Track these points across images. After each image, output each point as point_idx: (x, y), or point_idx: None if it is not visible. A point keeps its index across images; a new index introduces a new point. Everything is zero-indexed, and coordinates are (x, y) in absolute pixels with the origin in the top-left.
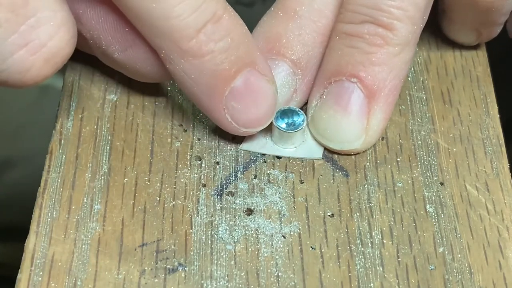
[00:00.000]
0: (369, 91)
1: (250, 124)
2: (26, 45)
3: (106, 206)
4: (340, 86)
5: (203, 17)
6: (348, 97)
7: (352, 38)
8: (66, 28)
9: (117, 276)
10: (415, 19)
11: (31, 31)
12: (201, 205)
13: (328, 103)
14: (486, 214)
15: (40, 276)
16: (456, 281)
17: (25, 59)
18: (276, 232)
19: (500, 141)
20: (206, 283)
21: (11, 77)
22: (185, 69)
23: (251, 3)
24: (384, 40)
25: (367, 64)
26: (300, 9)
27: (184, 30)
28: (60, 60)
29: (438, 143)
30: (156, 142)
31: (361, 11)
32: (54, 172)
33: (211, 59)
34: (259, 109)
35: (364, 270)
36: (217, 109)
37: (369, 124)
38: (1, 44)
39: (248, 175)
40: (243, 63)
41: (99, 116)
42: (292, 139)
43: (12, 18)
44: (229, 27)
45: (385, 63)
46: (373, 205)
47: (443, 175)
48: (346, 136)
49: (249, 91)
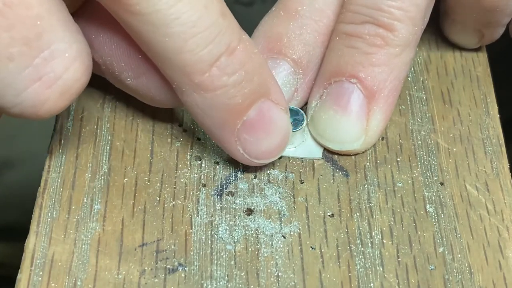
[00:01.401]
0: (369, 91)
1: (262, 156)
2: (41, 78)
3: (106, 206)
4: (340, 86)
5: (217, 51)
6: (348, 98)
7: (352, 38)
8: (82, 59)
9: (117, 276)
10: (416, 20)
11: (46, 64)
12: (201, 205)
13: (327, 103)
14: (486, 214)
15: (40, 276)
16: (456, 281)
17: (40, 93)
18: (276, 232)
19: (500, 141)
20: (206, 283)
21: (26, 111)
22: (197, 101)
23: (250, 3)
24: (384, 40)
25: (367, 64)
26: (302, 8)
27: (196, 64)
28: (75, 92)
29: (438, 143)
30: (156, 142)
31: (362, 12)
32: (54, 172)
33: (224, 93)
34: (271, 141)
35: (364, 270)
36: (229, 141)
37: (369, 124)
38: (15, 78)
39: (248, 175)
40: (257, 94)
41: (99, 116)
42: (292, 139)
43: (26, 52)
44: (243, 58)
45: (385, 64)
46: (373, 205)
47: (443, 175)
48: (346, 137)
49: (262, 123)
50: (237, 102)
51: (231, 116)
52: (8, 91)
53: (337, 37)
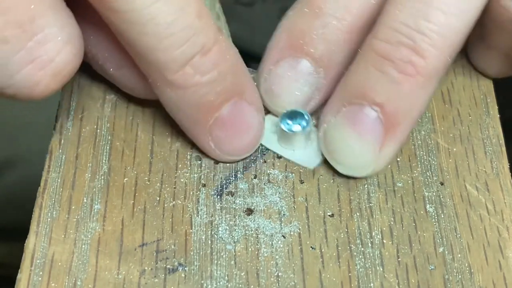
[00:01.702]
0: (389, 121)
1: (234, 152)
2: (33, 61)
3: (106, 206)
4: (360, 110)
5: (191, 50)
6: (367, 124)
7: (384, 61)
8: (73, 43)
9: (117, 276)
10: (451, 49)
11: (39, 47)
12: (201, 205)
13: (343, 124)
14: (486, 214)
15: (40, 276)
16: (456, 281)
17: (33, 75)
18: (276, 232)
19: (500, 141)
20: (206, 283)
21: (19, 92)
22: (170, 97)
23: (250, 3)
24: (416, 69)
25: (393, 94)
26: (325, 6)
27: (170, 63)
28: (67, 75)
29: (438, 143)
30: (156, 142)
31: (400, 30)
32: (54, 172)
33: (196, 91)
34: (243, 139)
35: (364, 270)
36: (201, 137)
37: (381, 153)
38: (9, 60)
39: (248, 175)
40: (229, 94)
41: (99, 116)
42: (292, 141)
43: (20, 35)
44: (217, 59)
45: (411, 95)
46: (373, 205)
47: (443, 175)
48: (356, 162)
49: (234, 121)
50: (209, 100)
51: (203, 112)
52: (2, 72)
53: (366, 53)
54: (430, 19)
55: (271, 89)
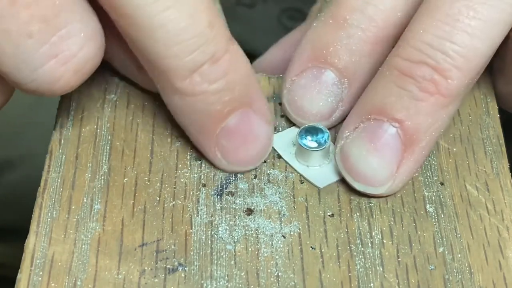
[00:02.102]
0: (408, 139)
1: (240, 164)
2: (57, 56)
3: (106, 206)
4: (380, 126)
5: (201, 59)
6: (385, 141)
7: (405, 78)
8: (95, 40)
9: (117, 276)
10: (474, 72)
11: (62, 42)
12: (201, 205)
13: (362, 139)
14: (486, 214)
15: (40, 276)
16: (456, 281)
17: (55, 70)
18: (276, 232)
19: (500, 141)
20: (206, 283)
21: (41, 87)
22: (178, 104)
23: (252, 4)
24: (437, 88)
25: (413, 111)
26: (350, 17)
27: (178, 70)
28: (88, 71)
29: (438, 143)
30: (156, 142)
31: (424, 50)
32: (54, 172)
33: (203, 99)
34: (249, 150)
35: (364, 270)
36: (207, 146)
37: (399, 172)
38: (33, 54)
39: (248, 175)
40: (237, 103)
41: (99, 116)
42: (307, 157)
43: (44, 29)
44: (227, 68)
45: (432, 114)
46: (373, 205)
47: (443, 175)
48: (373, 180)
49: (241, 131)
50: (216, 109)
51: (210, 121)
52: (25, 66)
53: (388, 71)
54: (455, 41)
55: (294, 100)
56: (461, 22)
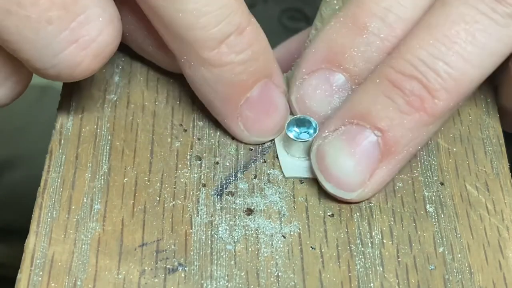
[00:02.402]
0: (387, 149)
1: (261, 133)
2: (77, 41)
3: (106, 206)
4: (361, 132)
5: (227, 29)
6: (364, 147)
7: (394, 89)
8: (114, 24)
9: (117, 276)
10: (461, 96)
11: (81, 27)
12: (201, 205)
13: (341, 142)
14: (486, 214)
15: (40, 276)
16: (456, 281)
17: (75, 55)
18: (276, 232)
19: (500, 141)
20: (206, 283)
21: (62, 72)
22: (203, 75)
23: (252, 4)
24: (423, 105)
25: (396, 123)
26: (370, 24)
27: (206, 41)
28: (107, 55)
29: (438, 143)
30: (156, 142)
31: (417, 65)
32: (54, 172)
33: (230, 69)
34: (271, 119)
35: (364, 270)
36: (231, 117)
37: (371, 180)
38: (53, 40)
39: (248, 175)
40: (261, 74)
41: (99, 116)
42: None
43: (63, 15)
44: (251, 39)
45: (413, 129)
46: (373, 205)
47: (443, 175)
48: (344, 184)
49: (264, 101)
50: (242, 79)
51: (236, 92)
52: (46, 52)
53: (377, 79)
54: (449, 62)
55: (302, 99)
56: (458, 45)
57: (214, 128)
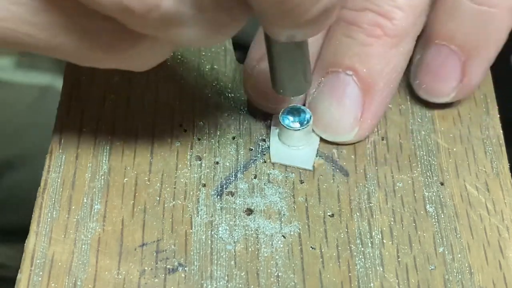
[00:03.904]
0: (364, 84)
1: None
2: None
3: (106, 206)
4: (336, 77)
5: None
6: (343, 90)
7: (351, 27)
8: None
9: (117, 276)
10: (417, 9)
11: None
12: (201, 205)
13: (323, 94)
14: (486, 214)
15: (40, 276)
16: (456, 281)
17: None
18: (276, 232)
19: (500, 141)
20: (206, 283)
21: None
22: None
23: None
24: (383, 30)
25: (364, 56)
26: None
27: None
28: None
29: (438, 143)
30: (156, 142)
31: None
32: (54, 172)
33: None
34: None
35: (364, 270)
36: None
37: (363, 117)
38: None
39: (248, 175)
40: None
41: (99, 116)
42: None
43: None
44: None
45: (382, 55)
46: (373, 205)
47: (443, 175)
48: (339, 128)
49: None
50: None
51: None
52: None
53: (336, 24)
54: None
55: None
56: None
57: (214, 128)
